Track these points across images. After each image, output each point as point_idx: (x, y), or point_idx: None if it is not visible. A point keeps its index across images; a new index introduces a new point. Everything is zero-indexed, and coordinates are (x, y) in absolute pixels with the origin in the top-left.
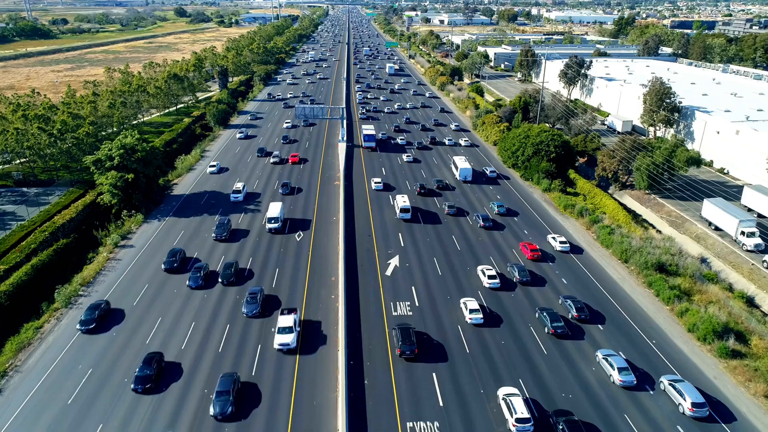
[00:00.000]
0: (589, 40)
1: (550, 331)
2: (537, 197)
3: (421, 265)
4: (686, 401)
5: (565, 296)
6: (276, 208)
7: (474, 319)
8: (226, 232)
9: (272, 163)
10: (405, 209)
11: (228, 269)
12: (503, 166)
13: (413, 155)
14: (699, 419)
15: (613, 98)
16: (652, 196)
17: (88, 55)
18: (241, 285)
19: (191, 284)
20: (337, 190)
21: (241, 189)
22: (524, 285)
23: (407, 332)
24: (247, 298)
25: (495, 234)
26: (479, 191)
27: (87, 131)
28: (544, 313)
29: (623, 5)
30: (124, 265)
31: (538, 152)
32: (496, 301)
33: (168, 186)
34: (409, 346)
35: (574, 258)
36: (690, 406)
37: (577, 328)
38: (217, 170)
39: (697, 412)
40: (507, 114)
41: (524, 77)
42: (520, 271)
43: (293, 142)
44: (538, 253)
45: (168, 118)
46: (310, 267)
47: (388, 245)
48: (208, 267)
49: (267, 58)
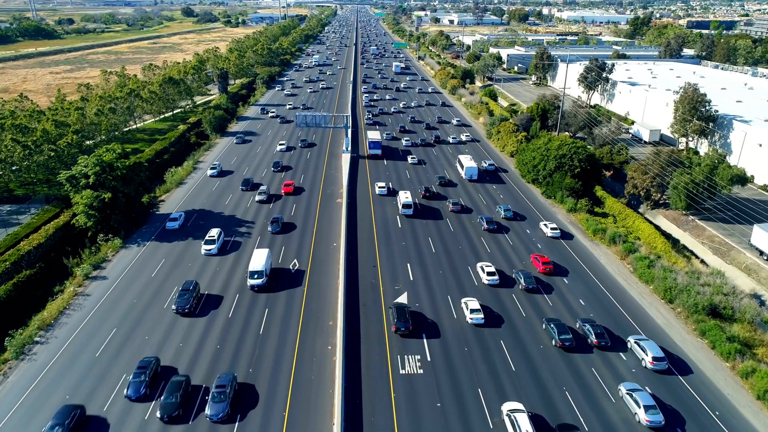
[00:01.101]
0: (605, 41)
1: (558, 344)
2: (561, 218)
3: (434, 306)
4: (648, 356)
5: (583, 319)
6: (260, 258)
7: (475, 319)
8: (189, 304)
9: (258, 201)
10: (407, 205)
11: (171, 396)
12: (510, 169)
13: (418, 157)
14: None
15: (638, 104)
16: (691, 218)
17: (90, 56)
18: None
19: (130, 394)
20: (339, 210)
21: (215, 237)
22: (530, 293)
23: None
24: (213, 393)
25: (499, 237)
26: (483, 190)
27: (69, 141)
28: (551, 325)
29: (635, 5)
30: (92, 303)
31: (561, 166)
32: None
33: (154, 203)
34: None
35: (606, 293)
36: (651, 360)
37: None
38: (216, 173)
39: (657, 365)
40: (524, 122)
41: (539, 80)
42: (525, 278)
43: (286, 170)
44: (551, 266)
45: (163, 124)
46: (304, 309)
47: (395, 276)
48: (158, 363)
49: (271, 59)
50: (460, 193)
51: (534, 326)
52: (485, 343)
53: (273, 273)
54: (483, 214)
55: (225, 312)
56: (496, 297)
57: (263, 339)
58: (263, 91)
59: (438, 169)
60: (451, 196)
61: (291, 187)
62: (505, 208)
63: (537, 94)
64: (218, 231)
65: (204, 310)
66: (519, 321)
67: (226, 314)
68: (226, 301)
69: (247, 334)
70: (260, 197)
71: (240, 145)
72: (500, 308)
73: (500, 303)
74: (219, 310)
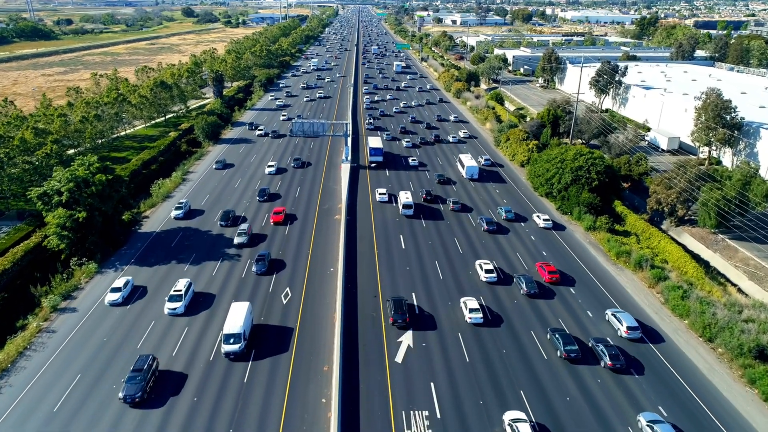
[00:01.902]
0: (613, 41)
1: (563, 355)
2: (580, 238)
3: (443, 352)
4: (622, 325)
5: (597, 339)
6: (238, 316)
7: (474, 319)
8: (140, 391)
9: (237, 245)
10: (407, 205)
11: None
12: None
13: (419, 159)
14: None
15: (653, 110)
16: (720, 237)
17: (86, 58)
18: None
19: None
20: (336, 227)
21: (182, 292)
22: (532, 297)
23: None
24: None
25: (500, 238)
26: (482, 189)
27: (47, 152)
28: (556, 335)
29: (639, 5)
30: (57, 341)
31: (578, 180)
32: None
33: (137, 220)
34: None
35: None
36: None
37: None
38: (182, 214)
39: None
40: (534, 128)
41: (546, 83)
42: (527, 283)
43: (274, 199)
44: (557, 275)
45: (154, 130)
46: (296, 349)
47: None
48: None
49: (270, 61)
50: (459, 192)
51: (532, 328)
52: (484, 345)
53: (255, 330)
54: (483, 215)
55: (188, 398)
56: (496, 299)
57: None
58: (260, 94)
59: (438, 170)
60: (451, 196)
61: (281, 215)
62: (506, 209)
63: (545, 97)
64: (186, 283)
65: (161, 397)
66: (523, 333)
67: (189, 400)
68: (191, 381)
69: (216, 427)
70: (239, 239)
71: (220, 171)
72: (504, 313)
73: (501, 306)
74: (180, 395)
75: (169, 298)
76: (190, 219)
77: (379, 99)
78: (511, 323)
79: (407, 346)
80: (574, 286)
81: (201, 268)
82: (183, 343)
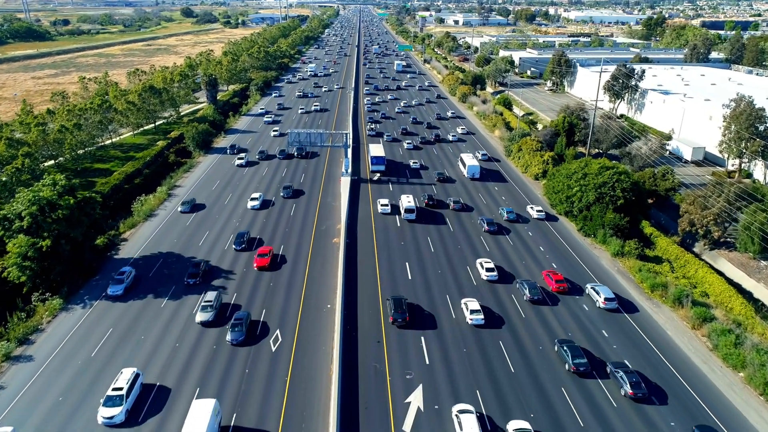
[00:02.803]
0: (621, 42)
1: (572, 368)
2: (606, 264)
3: (454, 394)
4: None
5: (615, 364)
6: (200, 422)
7: (475, 320)
8: None
9: (200, 322)
10: (410, 209)
11: None
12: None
13: (421, 161)
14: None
15: (673, 117)
16: (764, 264)
17: (79, 59)
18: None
19: None
20: (334, 253)
21: (123, 390)
22: (535, 304)
23: None
24: None
25: (500, 239)
26: (482, 188)
27: (17, 166)
28: (564, 347)
29: (642, 5)
30: (6, 400)
31: (601, 198)
32: None
33: (114, 244)
34: None
35: (681, 379)
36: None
37: None
38: (122, 291)
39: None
40: (548, 137)
41: (555, 86)
42: (531, 289)
43: (253, 246)
44: (564, 284)
45: (143, 138)
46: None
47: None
48: None
49: (268, 63)
50: (459, 191)
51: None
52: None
53: None
54: (484, 216)
55: None
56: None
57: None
58: (257, 98)
59: (439, 170)
60: (451, 195)
61: (267, 257)
62: (507, 210)
63: (555, 102)
64: (131, 375)
65: None
66: (530, 346)
67: None
68: None
69: None
70: (204, 316)
71: (186, 214)
72: (506, 316)
73: (504, 310)
74: None
75: (105, 400)
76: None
77: (380, 100)
78: (516, 334)
79: (417, 408)
80: (582, 294)
81: (160, 339)
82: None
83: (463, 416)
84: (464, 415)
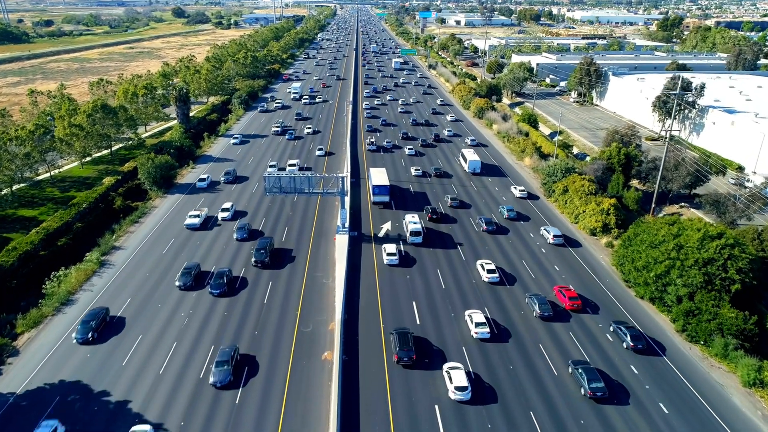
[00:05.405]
0: (643, 46)
1: (588, 393)
2: (735, 398)
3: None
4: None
5: (617, 322)
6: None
7: (480, 334)
8: None
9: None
10: (416, 232)
11: None
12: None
13: (422, 169)
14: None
15: (745, 142)
16: None
17: (50, 64)
18: None
19: None
20: (324, 381)
21: None
22: (546, 320)
23: None
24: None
25: (500, 239)
26: (480, 184)
27: None
28: (578, 369)
29: (645, 4)
30: None
31: (711, 282)
32: None
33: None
34: None
35: None
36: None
37: None
38: None
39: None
40: (598, 172)
41: (581, 98)
42: (540, 304)
43: (227, 391)
44: (579, 302)
45: (92, 170)
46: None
47: None
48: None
49: (256, 70)
50: (457, 187)
51: None
52: None
53: None
54: (482, 215)
55: None
56: None
57: None
58: (240, 113)
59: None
60: (449, 192)
61: None
62: (508, 208)
63: (585, 117)
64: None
65: None
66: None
67: None
68: None
69: None
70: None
71: (99, 346)
72: None
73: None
74: None
75: None
76: None
77: (379, 104)
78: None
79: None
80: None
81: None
82: None
83: (453, 372)
84: (454, 371)
